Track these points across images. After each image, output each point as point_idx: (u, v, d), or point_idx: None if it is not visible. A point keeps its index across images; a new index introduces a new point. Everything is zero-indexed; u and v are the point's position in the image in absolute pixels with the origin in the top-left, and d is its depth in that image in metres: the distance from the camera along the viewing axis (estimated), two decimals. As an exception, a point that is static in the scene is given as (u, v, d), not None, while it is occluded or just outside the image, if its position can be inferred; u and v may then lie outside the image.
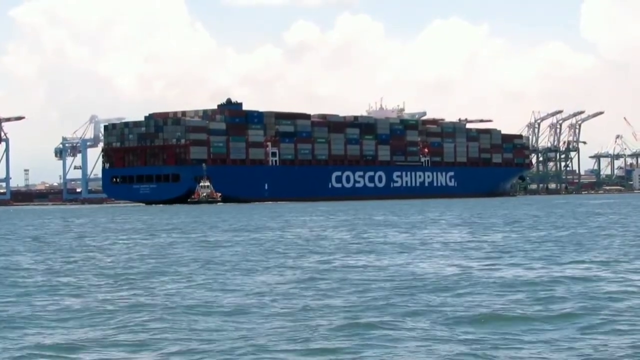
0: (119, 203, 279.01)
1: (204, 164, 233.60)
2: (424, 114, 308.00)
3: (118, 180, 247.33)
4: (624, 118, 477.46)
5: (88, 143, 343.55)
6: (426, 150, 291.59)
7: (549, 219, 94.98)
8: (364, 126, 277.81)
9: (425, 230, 73.57)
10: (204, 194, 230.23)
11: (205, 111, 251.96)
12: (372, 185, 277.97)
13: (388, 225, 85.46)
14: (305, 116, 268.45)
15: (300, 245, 57.24)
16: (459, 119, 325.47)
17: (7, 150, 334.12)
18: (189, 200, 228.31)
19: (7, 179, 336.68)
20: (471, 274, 35.89)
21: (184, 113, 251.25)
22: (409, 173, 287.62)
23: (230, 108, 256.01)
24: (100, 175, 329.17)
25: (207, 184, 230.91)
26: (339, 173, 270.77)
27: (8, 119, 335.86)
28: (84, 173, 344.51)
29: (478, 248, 51.21)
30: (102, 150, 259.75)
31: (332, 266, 41.02)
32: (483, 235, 64.05)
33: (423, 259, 44.31)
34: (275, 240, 62.76)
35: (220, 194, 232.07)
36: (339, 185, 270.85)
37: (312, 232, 73.65)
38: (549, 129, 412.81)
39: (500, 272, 37.01)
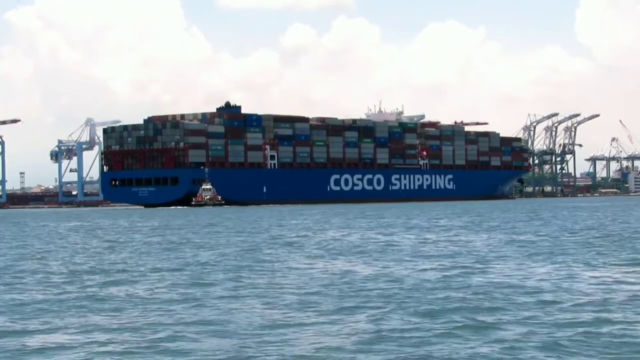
0: (115, 205, 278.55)
1: (206, 168, 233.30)
2: (423, 117, 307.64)
3: (117, 183, 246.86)
4: (620, 121, 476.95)
5: (84, 146, 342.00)
6: (425, 153, 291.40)
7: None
8: (363, 129, 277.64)
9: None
10: (207, 197, 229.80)
11: (204, 114, 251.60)
12: (370, 188, 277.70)
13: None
14: (304, 119, 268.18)
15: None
16: (455, 122, 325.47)
17: (2, 153, 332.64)
18: (192, 203, 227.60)
19: (2, 182, 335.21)
20: None
21: (182, 116, 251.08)
22: (407, 176, 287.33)
23: (229, 111, 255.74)
24: (95, 178, 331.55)
25: (210, 187, 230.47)
26: (337, 176, 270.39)
27: (4, 122, 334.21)
28: (80, 176, 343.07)
29: None
30: (102, 153, 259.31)
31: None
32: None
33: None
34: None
35: (220, 197, 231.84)
36: (338, 188, 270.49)
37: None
38: (544, 131, 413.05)
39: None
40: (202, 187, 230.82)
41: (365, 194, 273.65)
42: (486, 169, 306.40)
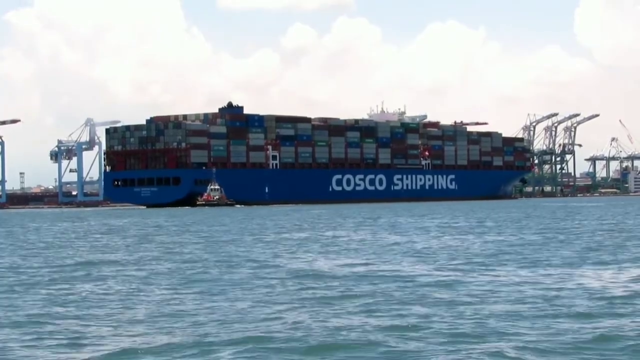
0: (116, 205, 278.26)
1: (213, 168, 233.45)
2: (425, 117, 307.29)
3: (119, 183, 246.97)
4: (619, 121, 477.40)
5: (83, 146, 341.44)
6: (427, 153, 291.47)
7: None
8: (365, 129, 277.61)
9: None
10: (216, 197, 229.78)
11: (206, 115, 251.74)
12: (372, 188, 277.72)
13: None
14: (306, 120, 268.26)
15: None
16: (455, 122, 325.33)
17: (2, 153, 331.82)
18: (198, 202, 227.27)
19: (2, 182, 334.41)
20: None
21: (184, 117, 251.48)
22: (409, 176, 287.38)
23: (231, 112, 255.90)
24: (95, 178, 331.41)
25: (217, 187, 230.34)
26: (339, 176, 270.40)
27: (3, 122, 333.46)
28: (80, 176, 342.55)
29: None
30: (104, 154, 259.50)
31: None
32: None
33: None
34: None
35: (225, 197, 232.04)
36: (340, 188, 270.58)
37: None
38: (544, 131, 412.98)
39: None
40: (210, 187, 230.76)
41: (367, 194, 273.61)
42: (488, 169, 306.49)
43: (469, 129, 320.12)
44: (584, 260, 45.40)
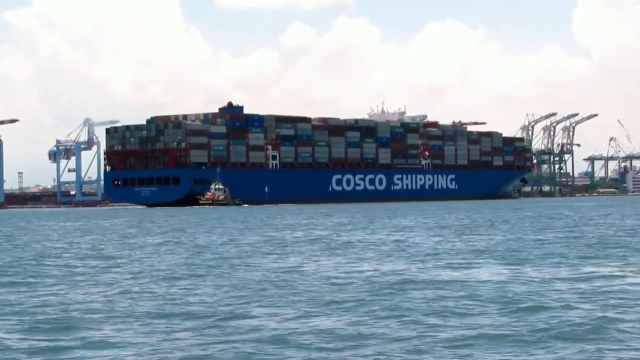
0: (114, 205, 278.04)
1: (217, 168, 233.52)
2: (425, 117, 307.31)
3: (119, 182, 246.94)
4: (618, 120, 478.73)
5: (82, 146, 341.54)
6: (427, 153, 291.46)
7: None
8: (365, 129, 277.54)
9: None
10: (221, 197, 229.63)
11: (206, 115, 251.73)
12: (372, 188, 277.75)
13: None
14: (306, 120, 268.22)
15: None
16: (453, 122, 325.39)
17: (0, 152, 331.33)
18: (201, 202, 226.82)
19: (1, 182, 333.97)
20: None
21: (184, 117, 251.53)
22: (409, 176, 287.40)
23: (231, 112, 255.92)
24: (94, 178, 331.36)
25: (222, 186, 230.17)
26: (339, 176, 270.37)
27: (2, 122, 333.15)
28: (78, 176, 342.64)
29: None
30: (104, 153, 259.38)
31: None
32: None
33: None
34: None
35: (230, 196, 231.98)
36: (339, 188, 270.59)
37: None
38: (542, 131, 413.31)
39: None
40: (214, 186, 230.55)
41: (367, 193, 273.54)
42: (488, 169, 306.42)
43: (468, 128, 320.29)
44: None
